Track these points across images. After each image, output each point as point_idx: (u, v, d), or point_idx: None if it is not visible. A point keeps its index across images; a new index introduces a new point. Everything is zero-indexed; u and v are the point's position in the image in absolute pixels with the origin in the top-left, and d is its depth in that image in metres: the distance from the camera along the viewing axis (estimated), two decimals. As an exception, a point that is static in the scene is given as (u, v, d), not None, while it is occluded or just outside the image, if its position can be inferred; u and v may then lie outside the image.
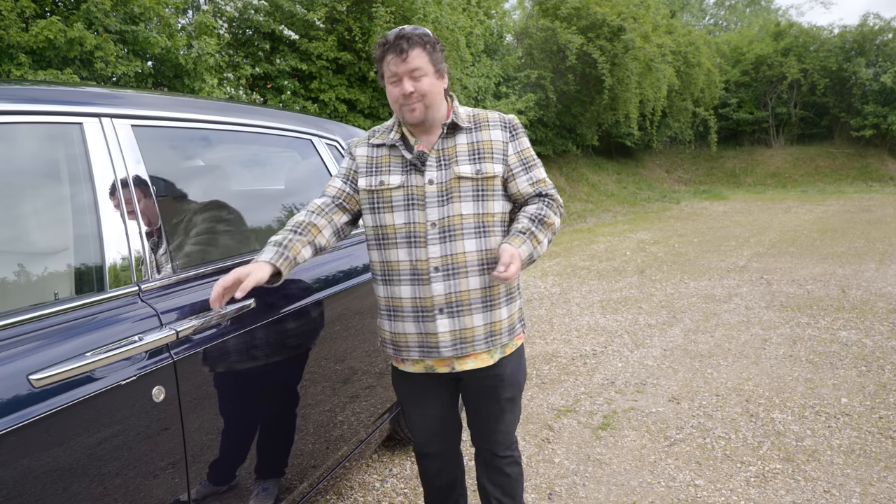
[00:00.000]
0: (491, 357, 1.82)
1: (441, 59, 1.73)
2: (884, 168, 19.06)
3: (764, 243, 8.83)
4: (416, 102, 1.69)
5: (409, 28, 1.69)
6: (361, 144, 1.86)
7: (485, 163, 1.75)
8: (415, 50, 1.66)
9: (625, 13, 15.49)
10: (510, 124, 1.81)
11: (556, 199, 1.84)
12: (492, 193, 1.76)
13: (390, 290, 1.80)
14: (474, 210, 1.73)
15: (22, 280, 1.42)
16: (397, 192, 1.75)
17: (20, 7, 6.12)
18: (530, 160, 1.82)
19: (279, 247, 1.65)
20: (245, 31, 9.64)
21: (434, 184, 1.73)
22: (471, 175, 1.73)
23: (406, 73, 1.67)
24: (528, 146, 1.83)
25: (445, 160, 1.75)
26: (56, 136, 1.48)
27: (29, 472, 1.20)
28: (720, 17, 34.78)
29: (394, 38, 1.67)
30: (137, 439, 1.42)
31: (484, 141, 1.77)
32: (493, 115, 1.81)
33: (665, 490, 2.62)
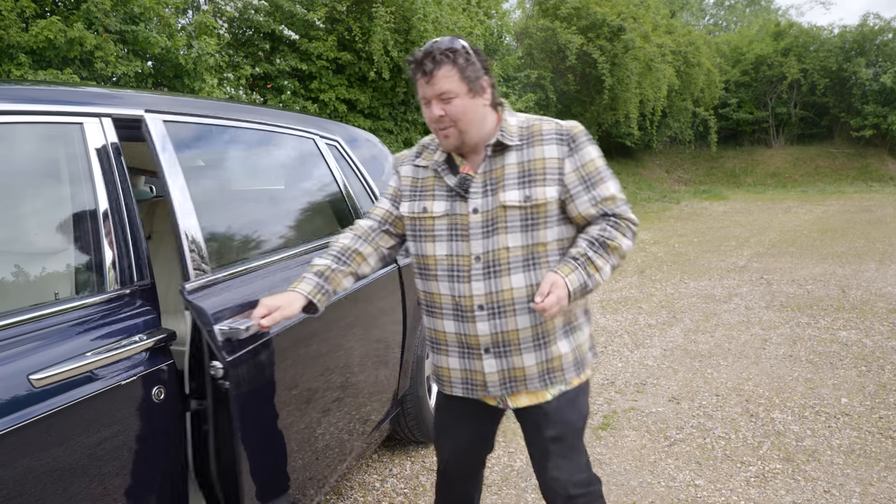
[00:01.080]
0: (549, 393, 1.63)
1: (478, 73, 1.51)
2: (884, 168, 19.06)
3: (764, 243, 8.83)
4: (449, 128, 1.51)
5: (440, 42, 1.50)
6: (407, 163, 1.71)
7: (535, 187, 1.53)
8: (441, 69, 1.47)
9: (625, 13, 15.48)
10: (568, 135, 1.55)
11: (625, 216, 1.57)
12: (543, 221, 1.54)
13: (433, 323, 1.67)
14: (522, 241, 1.54)
15: (22, 280, 1.42)
16: (441, 220, 1.59)
17: (20, 7, 6.11)
18: (594, 175, 1.55)
19: (320, 278, 1.59)
20: (245, 31, 9.64)
21: (479, 213, 1.55)
22: (518, 203, 1.52)
23: (434, 97, 1.49)
24: (592, 158, 1.56)
25: (492, 185, 1.55)
26: (56, 136, 1.48)
27: (29, 472, 1.20)
28: (720, 17, 34.78)
29: (420, 57, 1.49)
30: (137, 439, 1.42)
31: (535, 160, 1.54)
32: (548, 127, 1.56)
33: (665, 490, 2.62)
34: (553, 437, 1.63)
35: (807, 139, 21.28)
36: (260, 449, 1.64)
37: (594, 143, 1.59)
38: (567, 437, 1.65)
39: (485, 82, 1.53)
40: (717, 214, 12.75)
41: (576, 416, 1.66)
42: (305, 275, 1.61)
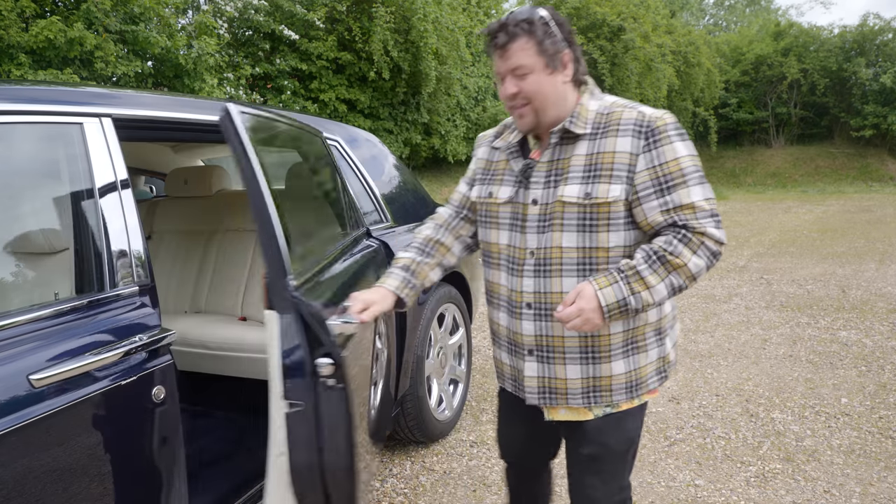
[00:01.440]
0: (592, 413, 1.49)
1: (558, 46, 1.36)
2: (884, 168, 19.07)
3: (764, 243, 8.83)
4: (523, 106, 1.39)
5: (518, 12, 1.37)
6: (484, 143, 1.63)
7: (599, 183, 1.36)
8: (516, 42, 1.34)
9: (625, 13, 15.49)
10: (648, 128, 1.34)
11: (700, 230, 1.33)
12: (605, 223, 1.37)
13: (491, 313, 1.59)
14: (578, 243, 1.39)
15: (22, 280, 1.42)
16: (504, 207, 1.49)
17: (20, 7, 6.11)
18: (672, 178, 1.34)
19: (406, 272, 1.56)
20: (245, 31, 9.65)
21: (538, 204, 1.43)
22: (576, 200, 1.37)
23: (508, 72, 1.37)
24: (673, 157, 1.34)
25: (556, 175, 1.41)
26: (56, 136, 1.48)
27: (29, 472, 1.20)
28: (720, 17, 34.79)
29: (495, 29, 1.37)
30: (137, 439, 1.42)
31: (605, 152, 1.37)
32: (628, 115, 1.37)
33: (665, 490, 2.62)
34: (589, 455, 1.51)
35: (807, 139, 21.29)
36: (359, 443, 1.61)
37: (685, 139, 1.37)
38: (604, 459, 1.51)
39: (566, 56, 1.37)
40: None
41: (617, 441, 1.50)
42: (392, 269, 1.58)
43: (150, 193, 4.50)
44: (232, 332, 2.66)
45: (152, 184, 4.63)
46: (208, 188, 3.16)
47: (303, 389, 1.47)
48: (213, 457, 2.39)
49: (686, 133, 1.38)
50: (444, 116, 12.42)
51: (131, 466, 1.41)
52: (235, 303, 2.98)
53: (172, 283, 3.12)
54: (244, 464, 2.31)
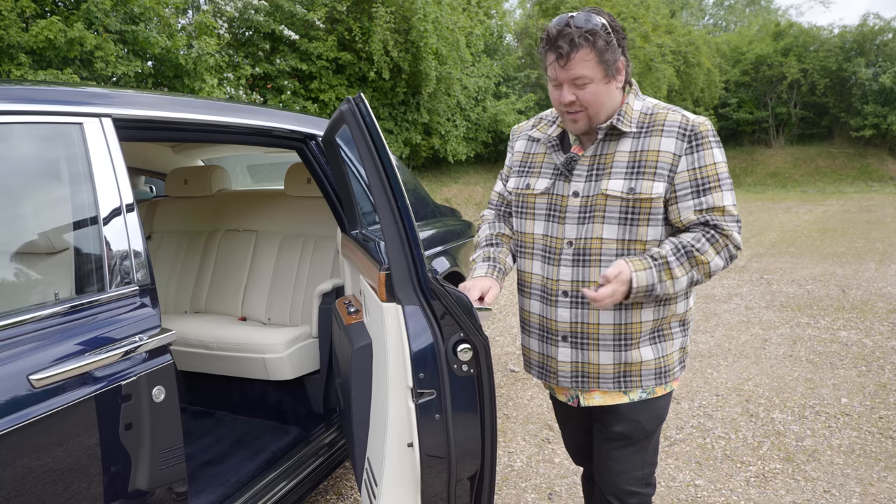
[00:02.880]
0: (628, 397, 1.57)
1: (616, 54, 1.40)
2: (884, 168, 19.07)
3: (764, 243, 8.83)
4: (578, 113, 1.43)
5: (578, 18, 1.37)
6: (521, 136, 1.67)
7: (643, 179, 1.43)
8: (579, 52, 1.36)
9: (625, 13, 15.50)
10: (692, 131, 1.42)
11: (727, 233, 1.43)
12: (645, 218, 1.45)
13: (522, 302, 1.66)
14: (618, 235, 1.46)
15: (22, 280, 1.42)
16: (541, 198, 1.55)
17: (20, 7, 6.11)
18: (709, 181, 1.43)
19: (489, 261, 1.62)
20: (245, 31, 9.65)
21: (579, 197, 1.49)
22: (620, 194, 1.44)
23: (567, 81, 1.40)
24: (712, 161, 1.43)
25: (598, 170, 1.48)
26: (56, 136, 1.48)
27: (29, 472, 1.20)
28: (720, 17, 34.79)
29: (555, 36, 1.37)
30: (137, 439, 1.42)
31: (650, 151, 1.44)
32: (672, 118, 1.44)
33: (665, 490, 2.62)
34: (621, 432, 1.59)
35: (807, 139, 21.29)
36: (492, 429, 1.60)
37: (720, 146, 1.46)
38: (634, 436, 1.60)
39: (621, 64, 1.42)
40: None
41: (648, 419, 1.59)
42: (476, 265, 1.64)
43: (150, 193, 4.50)
44: (232, 332, 2.66)
45: (152, 184, 4.62)
46: (208, 188, 3.16)
47: (434, 378, 1.48)
48: (213, 457, 2.39)
49: (719, 140, 1.46)
50: (444, 116, 12.42)
51: (131, 466, 1.41)
52: (235, 303, 2.98)
53: (172, 283, 3.12)
54: (244, 464, 2.31)
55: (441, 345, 1.46)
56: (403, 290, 1.48)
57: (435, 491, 1.52)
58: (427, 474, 1.49)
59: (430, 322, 1.47)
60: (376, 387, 1.69)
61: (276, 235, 3.00)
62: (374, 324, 1.70)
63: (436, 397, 1.47)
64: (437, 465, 1.49)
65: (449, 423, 1.47)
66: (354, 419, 1.86)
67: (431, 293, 1.47)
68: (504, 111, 13.55)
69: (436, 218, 3.26)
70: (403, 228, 1.47)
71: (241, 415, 2.79)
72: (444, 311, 1.47)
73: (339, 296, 2.55)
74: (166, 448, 1.49)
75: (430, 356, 1.46)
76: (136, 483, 1.42)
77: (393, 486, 1.57)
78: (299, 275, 2.87)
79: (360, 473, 1.91)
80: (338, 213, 2.39)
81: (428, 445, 1.48)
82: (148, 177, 4.34)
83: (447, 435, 1.48)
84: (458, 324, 1.47)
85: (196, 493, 2.11)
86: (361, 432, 1.84)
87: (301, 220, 2.97)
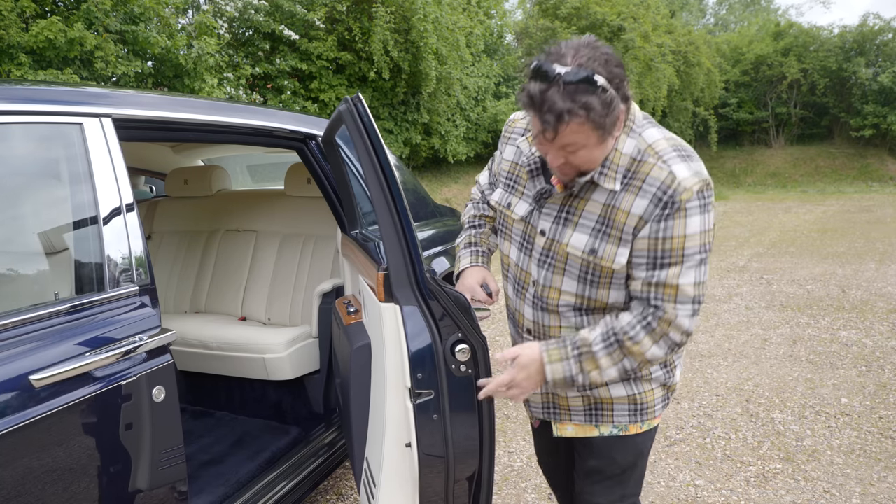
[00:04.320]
0: (599, 431, 1.48)
1: (616, 111, 1.15)
2: (884, 168, 19.06)
3: (764, 243, 8.83)
4: (568, 171, 1.26)
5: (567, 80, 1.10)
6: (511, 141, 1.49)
7: (607, 242, 1.27)
8: (570, 126, 1.13)
9: (625, 13, 15.51)
10: (671, 198, 1.19)
11: (669, 318, 1.24)
12: (607, 282, 1.31)
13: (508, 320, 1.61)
14: (577, 290, 1.34)
15: (22, 280, 1.42)
16: (518, 224, 1.44)
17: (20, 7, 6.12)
18: (669, 255, 1.22)
19: (471, 247, 1.62)
20: (245, 31, 9.65)
21: (545, 237, 1.36)
22: (580, 254, 1.30)
23: (555, 147, 1.20)
24: (681, 234, 1.20)
25: (568, 213, 1.32)
26: (56, 136, 1.48)
27: (29, 472, 1.20)
28: (720, 16, 34.80)
29: (539, 102, 1.13)
30: (137, 440, 1.42)
31: (620, 210, 1.25)
32: (656, 174, 1.21)
33: (665, 490, 2.62)
34: (593, 468, 1.52)
35: (807, 139, 21.29)
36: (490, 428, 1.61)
37: (706, 212, 1.21)
38: (609, 471, 1.51)
39: (621, 112, 1.18)
40: (717, 214, 12.75)
41: (623, 455, 1.49)
42: (460, 251, 1.66)
43: (150, 193, 4.50)
44: (232, 332, 2.66)
45: (152, 184, 4.62)
46: (208, 188, 3.16)
47: (432, 378, 1.47)
48: (213, 457, 2.39)
49: (711, 202, 1.23)
50: (444, 116, 12.42)
51: (131, 466, 1.41)
52: (235, 303, 2.98)
53: (172, 283, 3.12)
54: (244, 464, 2.31)
55: (439, 345, 1.46)
56: (401, 291, 1.48)
57: (433, 491, 1.52)
58: (425, 474, 1.50)
59: (429, 322, 1.47)
60: (375, 387, 1.69)
61: (276, 235, 3.00)
62: (372, 324, 1.70)
63: (434, 397, 1.47)
64: (435, 466, 1.49)
65: (447, 423, 1.47)
66: (353, 419, 1.86)
67: (429, 293, 1.47)
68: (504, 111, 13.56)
69: (436, 218, 3.26)
70: (401, 229, 1.47)
71: (241, 415, 2.79)
72: (443, 311, 1.47)
73: (339, 296, 2.55)
74: (166, 448, 1.49)
75: (428, 356, 1.46)
76: (136, 483, 1.42)
77: (391, 487, 1.57)
78: (299, 275, 2.87)
79: (359, 473, 1.91)
80: (338, 213, 2.40)
81: (426, 445, 1.48)
82: (148, 177, 4.34)
83: (445, 435, 1.48)
84: (457, 324, 1.47)
85: (196, 493, 2.11)
86: (360, 432, 1.84)
87: (301, 220, 2.97)
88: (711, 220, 1.23)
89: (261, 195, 3.24)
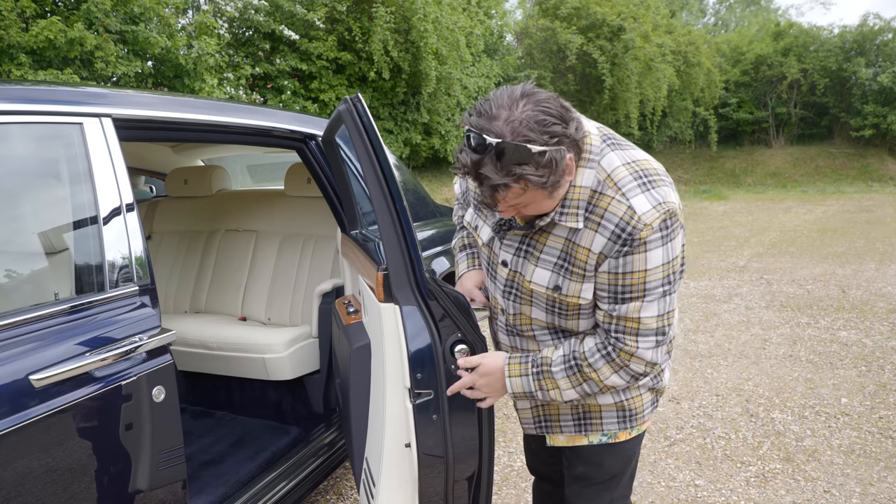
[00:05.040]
0: (588, 440, 1.49)
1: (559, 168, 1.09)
2: (884, 168, 19.06)
3: (764, 243, 8.83)
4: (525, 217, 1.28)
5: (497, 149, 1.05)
6: None
7: (570, 280, 1.25)
8: (508, 193, 1.11)
9: (625, 13, 15.51)
10: (630, 236, 1.15)
11: (630, 351, 1.23)
12: (575, 314, 1.30)
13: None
14: (547, 319, 1.35)
15: (22, 280, 1.42)
16: (484, 249, 1.45)
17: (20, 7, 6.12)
18: (631, 289, 1.19)
19: (466, 249, 1.63)
20: (245, 31, 9.65)
21: (507, 268, 1.35)
22: (545, 290, 1.29)
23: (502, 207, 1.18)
24: (641, 268, 1.16)
25: (529, 247, 1.30)
26: (56, 136, 1.48)
27: (29, 472, 1.20)
28: (720, 17, 34.81)
29: (473, 174, 1.10)
30: (137, 440, 1.42)
31: (580, 247, 1.22)
32: (615, 209, 1.16)
33: (665, 490, 2.62)
34: (583, 473, 1.53)
35: (807, 139, 21.29)
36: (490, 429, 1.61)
37: (669, 242, 1.16)
38: (598, 477, 1.52)
39: (568, 162, 1.11)
40: (717, 214, 12.75)
41: (611, 462, 1.50)
42: (457, 257, 1.68)
43: (150, 193, 4.50)
44: (232, 332, 2.66)
45: (152, 184, 4.63)
46: (208, 188, 3.16)
47: (432, 378, 1.47)
48: (213, 457, 2.39)
49: (675, 231, 1.17)
50: (444, 116, 12.43)
51: (131, 466, 1.41)
52: (235, 303, 2.98)
53: (172, 283, 3.13)
54: (244, 464, 2.31)
55: (438, 345, 1.46)
56: (401, 291, 1.48)
57: (433, 491, 1.52)
58: (424, 474, 1.50)
59: (428, 322, 1.47)
60: (374, 387, 1.69)
61: (276, 235, 3.00)
62: (372, 324, 1.70)
63: (433, 398, 1.47)
64: (434, 466, 1.49)
65: (446, 423, 1.47)
66: (353, 419, 1.86)
67: (429, 294, 1.47)
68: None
69: (436, 218, 3.26)
70: (401, 229, 1.46)
71: (241, 415, 2.79)
72: (442, 311, 1.47)
73: (339, 296, 2.55)
74: (166, 448, 1.49)
75: (427, 356, 1.46)
76: (136, 483, 1.42)
77: (390, 487, 1.57)
78: (299, 275, 2.87)
79: (359, 473, 1.91)
80: (338, 213, 2.40)
81: (425, 445, 1.48)
82: (148, 177, 4.34)
83: (445, 435, 1.48)
84: (456, 324, 1.47)
85: (196, 493, 2.11)
86: (360, 432, 1.84)
87: (301, 220, 2.97)
88: (677, 248, 1.19)
89: (261, 195, 3.24)
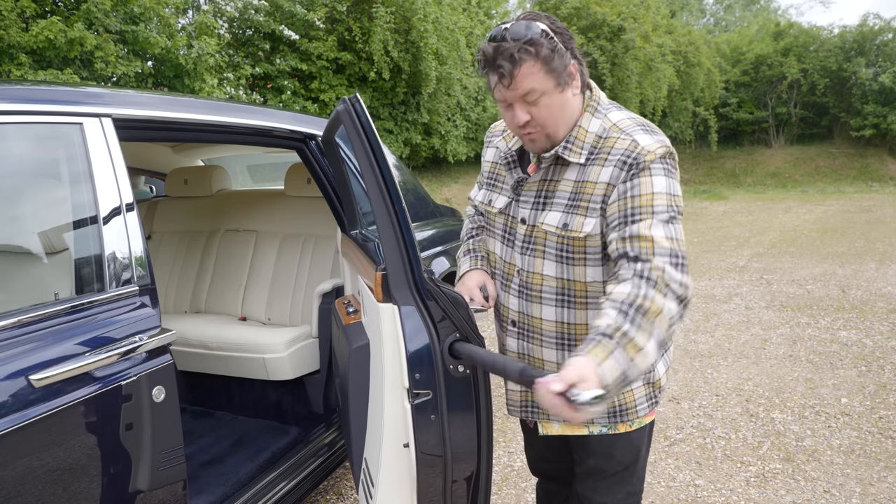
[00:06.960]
0: (587, 430, 1.48)
1: (565, 59, 1.25)
2: (884, 168, 19.06)
3: (764, 243, 8.83)
4: (535, 132, 1.30)
5: (515, 30, 1.22)
6: (492, 144, 1.56)
7: (576, 214, 1.30)
8: (522, 68, 1.21)
9: (625, 13, 15.50)
10: (634, 160, 1.23)
11: (658, 266, 1.15)
12: (581, 257, 1.32)
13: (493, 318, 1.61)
14: (557, 272, 1.36)
15: (22, 280, 1.42)
16: (499, 217, 1.48)
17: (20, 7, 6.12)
18: (640, 210, 1.21)
19: (471, 252, 1.62)
20: (245, 31, 9.65)
21: (525, 224, 1.40)
22: (555, 229, 1.33)
23: (516, 99, 1.26)
24: (648, 192, 1.21)
25: (545, 197, 1.37)
26: (56, 136, 1.48)
27: (29, 472, 1.20)
28: (720, 17, 34.81)
29: (493, 55, 1.23)
30: (138, 440, 1.42)
31: (588, 182, 1.29)
32: (620, 145, 1.26)
33: (665, 490, 2.62)
34: (595, 465, 1.52)
35: (807, 139, 21.28)
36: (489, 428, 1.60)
37: (671, 176, 1.24)
38: (611, 469, 1.51)
39: (573, 68, 1.27)
40: (717, 214, 12.75)
41: (622, 452, 1.49)
42: (460, 260, 1.66)
43: (150, 193, 4.50)
44: (232, 332, 2.66)
45: (152, 184, 4.63)
46: (208, 188, 3.16)
47: (430, 378, 1.47)
48: (213, 457, 2.39)
49: (675, 171, 1.27)
50: (444, 116, 12.43)
51: (131, 467, 1.41)
52: (235, 303, 2.98)
53: (172, 283, 3.13)
54: (244, 464, 2.31)
55: (437, 345, 1.46)
56: (399, 291, 1.48)
57: (431, 491, 1.52)
58: (423, 474, 1.50)
59: (427, 322, 1.47)
60: (373, 387, 1.69)
61: (276, 235, 3.00)
62: (371, 324, 1.70)
63: (432, 398, 1.47)
64: (433, 466, 1.49)
65: (445, 423, 1.47)
66: (352, 419, 1.86)
67: (427, 294, 1.47)
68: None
69: (436, 218, 3.26)
70: (399, 229, 1.46)
71: (241, 415, 2.79)
72: (441, 311, 1.47)
73: (338, 296, 2.55)
74: (166, 448, 1.49)
75: (426, 357, 1.46)
76: (136, 483, 1.42)
77: (389, 487, 1.57)
78: (299, 275, 2.87)
79: (358, 473, 1.91)
80: (337, 212, 2.40)
81: (424, 446, 1.48)
82: (148, 177, 4.34)
83: (443, 435, 1.48)
84: (455, 324, 1.47)
85: (196, 493, 2.11)
86: (359, 432, 1.84)
87: (301, 220, 2.97)
88: (677, 188, 1.26)
89: (261, 195, 3.24)
